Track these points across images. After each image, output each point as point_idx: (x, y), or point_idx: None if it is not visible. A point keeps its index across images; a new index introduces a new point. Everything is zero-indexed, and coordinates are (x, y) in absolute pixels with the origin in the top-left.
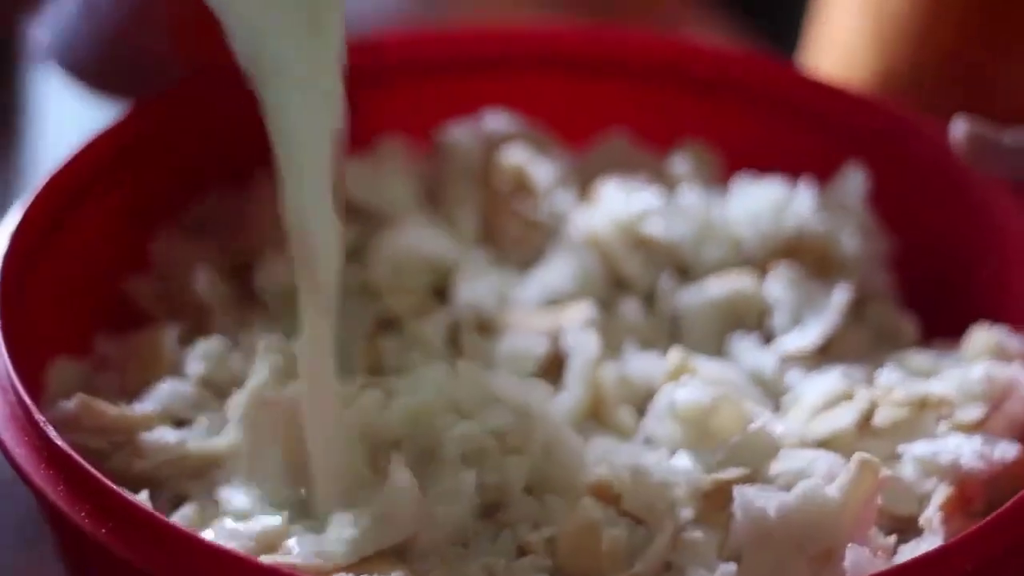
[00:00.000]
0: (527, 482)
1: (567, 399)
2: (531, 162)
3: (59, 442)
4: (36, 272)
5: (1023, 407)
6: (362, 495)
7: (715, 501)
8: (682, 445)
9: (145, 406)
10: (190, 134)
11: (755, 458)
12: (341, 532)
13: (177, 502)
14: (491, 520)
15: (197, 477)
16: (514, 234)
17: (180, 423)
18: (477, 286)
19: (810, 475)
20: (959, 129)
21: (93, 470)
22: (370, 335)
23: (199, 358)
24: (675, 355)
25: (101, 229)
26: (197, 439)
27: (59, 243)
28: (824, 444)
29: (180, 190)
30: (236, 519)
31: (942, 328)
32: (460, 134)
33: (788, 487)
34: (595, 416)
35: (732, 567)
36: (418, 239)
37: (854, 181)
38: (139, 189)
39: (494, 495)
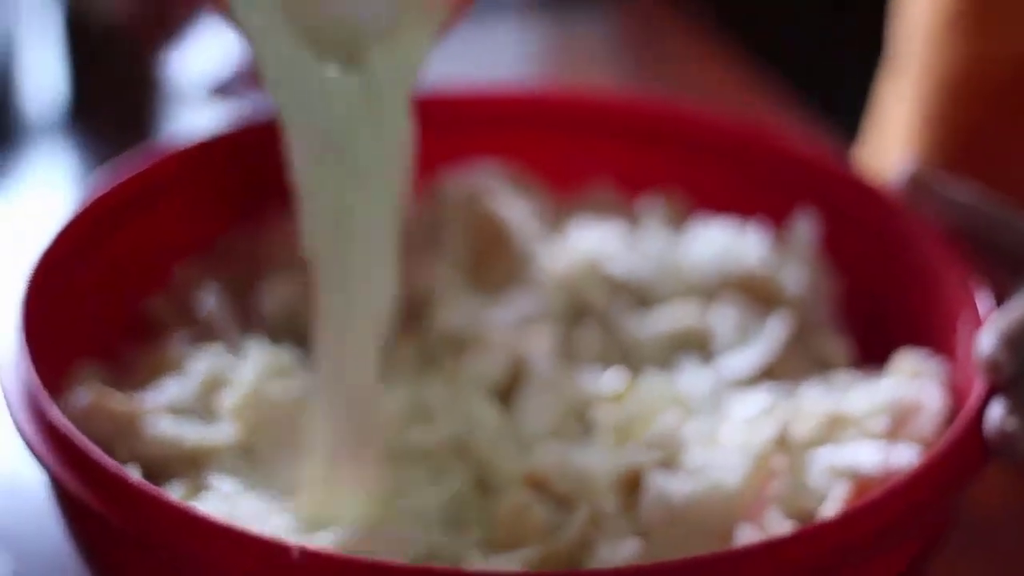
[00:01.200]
0: (476, 478)
1: (525, 414)
2: (510, 206)
3: (55, 419)
4: (66, 287)
5: (930, 421)
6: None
7: (631, 486)
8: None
9: (151, 400)
10: (217, 179)
11: (669, 452)
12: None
13: None
14: (445, 515)
15: (192, 465)
16: (496, 270)
17: (182, 418)
18: (453, 311)
19: (717, 467)
20: (903, 170)
21: (86, 441)
22: None
23: (201, 361)
24: (617, 376)
25: (130, 253)
26: (194, 431)
27: (90, 263)
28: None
29: (205, 225)
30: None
31: (882, 359)
32: (453, 182)
33: (697, 476)
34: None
35: (639, 542)
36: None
37: (804, 226)
38: (168, 221)
39: (447, 495)
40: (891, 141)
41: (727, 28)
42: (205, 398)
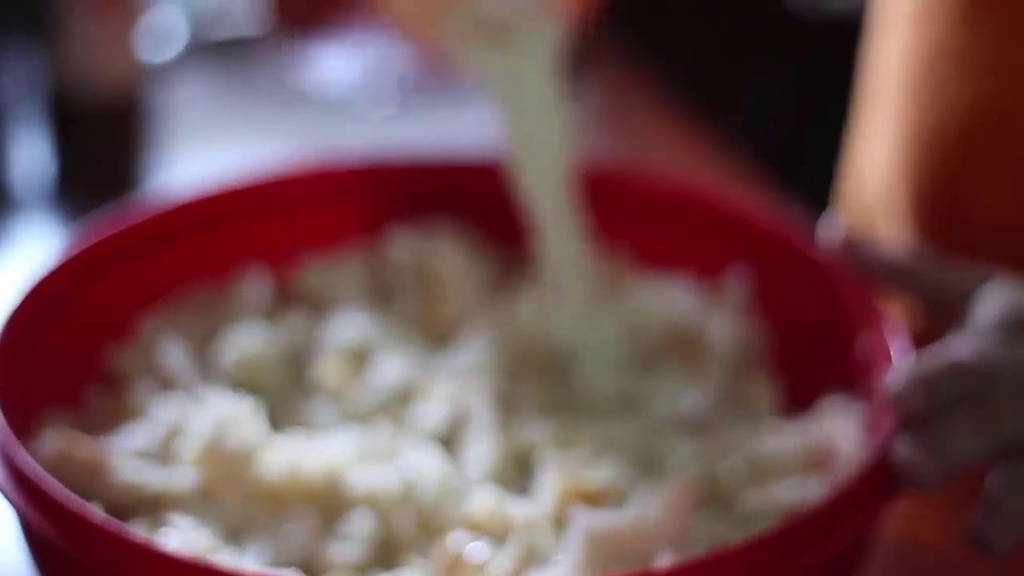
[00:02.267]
0: (418, 522)
1: (473, 463)
2: (455, 263)
3: (21, 460)
4: (35, 340)
5: (847, 460)
6: None
7: (562, 524)
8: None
9: (115, 445)
10: (178, 234)
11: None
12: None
13: None
14: (388, 554)
15: (152, 506)
16: (440, 324)
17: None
18: (399, 360)
19: (639, 500)
20: (832, 232)
21: (50, 480)
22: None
23: (163, 409)
24: (554, 427)
25: (97, 307)
26: (156, 475)
27: (58, 316)
28: None
29: (166, 280)
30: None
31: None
32: (401, 239)
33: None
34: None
35: (563, 568)
36: (352, 325)
37: (736, 280)
38: (131, 278)
39: (390, 535)
40: (867, 191)
41: (695, 100)
42: (167, 445)
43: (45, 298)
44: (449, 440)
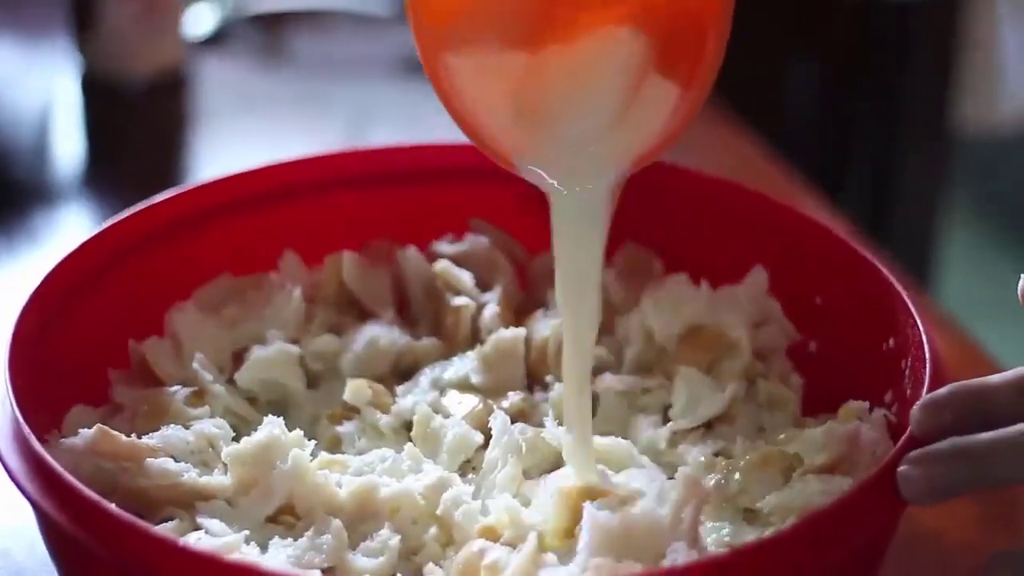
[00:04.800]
0: (439, 533)
1: (501, 472)
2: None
3: (39, 450)
4: (54, 332)
5: (868, 456)
6: None
7: (572, 522)
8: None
9: (151, 441)
10: (209, 224)
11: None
12: (278, 554)
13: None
14: (410, 562)
15: (185, 505)
16: (452, 331)
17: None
18: (424, 378)
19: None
20: None
21: (65, 473)
22: (332, 416)
23: (201, 416)
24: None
25: (121, 296)
26: (185, 475)
27: (79, 306)
28: None
29: (196, 270)
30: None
31: (834, 402)
32: (412, 255)
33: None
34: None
35: (576, 569)
36: (384, 333)
37: (759, 279)
38: (158, 266)
39: (413, 544)
40: None
41: (730, 98)
42: (197, 449)
43: (65, 288)
44: (470, 455)
